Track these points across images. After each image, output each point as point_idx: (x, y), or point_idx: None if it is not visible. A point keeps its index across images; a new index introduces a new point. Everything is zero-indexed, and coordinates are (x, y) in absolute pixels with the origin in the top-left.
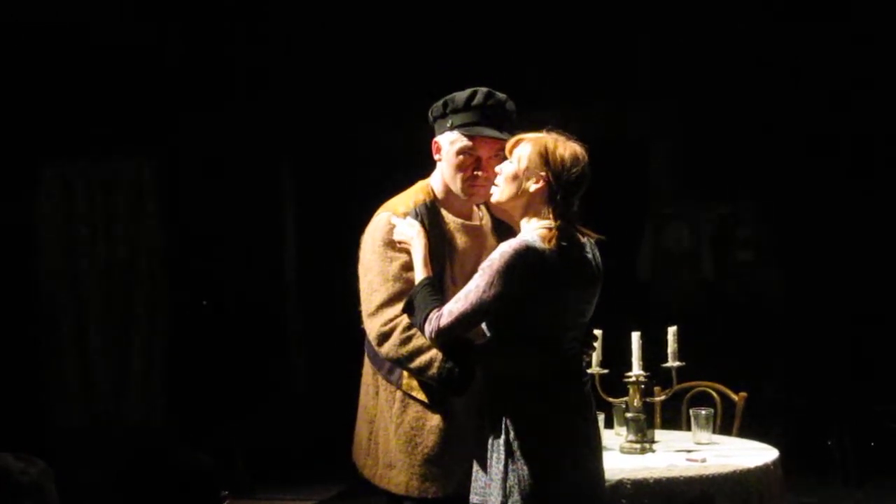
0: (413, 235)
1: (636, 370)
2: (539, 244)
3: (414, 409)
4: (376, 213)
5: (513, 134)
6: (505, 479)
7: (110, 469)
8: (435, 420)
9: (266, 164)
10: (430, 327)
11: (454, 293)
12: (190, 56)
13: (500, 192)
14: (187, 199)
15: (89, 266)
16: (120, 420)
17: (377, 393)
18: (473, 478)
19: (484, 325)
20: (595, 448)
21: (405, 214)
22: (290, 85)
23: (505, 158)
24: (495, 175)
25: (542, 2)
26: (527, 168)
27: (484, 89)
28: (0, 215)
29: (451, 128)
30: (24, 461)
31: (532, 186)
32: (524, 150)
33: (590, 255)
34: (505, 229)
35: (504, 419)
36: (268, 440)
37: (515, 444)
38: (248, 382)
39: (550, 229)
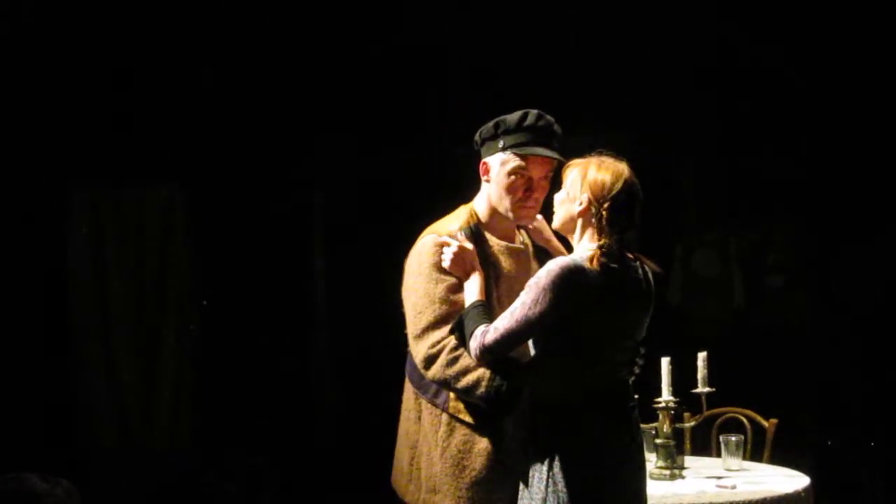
0: (473, 267)
1: (666, 396)
2: (585, 264)
3: (461, 432)
4: (420, 236)
5: (562, 154)
6: (545, 500)
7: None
8: (483, 443)
9: (297, 192)
10: (475, 343)
11: (499, 315)
12: (223, 83)
13: (556, 217)
14: (218, 229)
15: (120, 293)
16: (149, 445)
17: (419, 417)
18: (520, 496)
19: (530, 344)
20: (637, 471)
21: (451, 236)
22: (321, 116)
23: (553, 180)
24: (544, 196)
25: (573, 31)
26: (571, 191)
27: (534, 111)
28: (30, 242)
29: (503, 148)
30: (50, 482)
31: (577, 209)
32: (570, 174)
33: (640, 278)
34: (545, 255)
35: (547, 439)
36: (296, 467)
37: (557, 466)
38: (277, 411)
39: (596, 249)
